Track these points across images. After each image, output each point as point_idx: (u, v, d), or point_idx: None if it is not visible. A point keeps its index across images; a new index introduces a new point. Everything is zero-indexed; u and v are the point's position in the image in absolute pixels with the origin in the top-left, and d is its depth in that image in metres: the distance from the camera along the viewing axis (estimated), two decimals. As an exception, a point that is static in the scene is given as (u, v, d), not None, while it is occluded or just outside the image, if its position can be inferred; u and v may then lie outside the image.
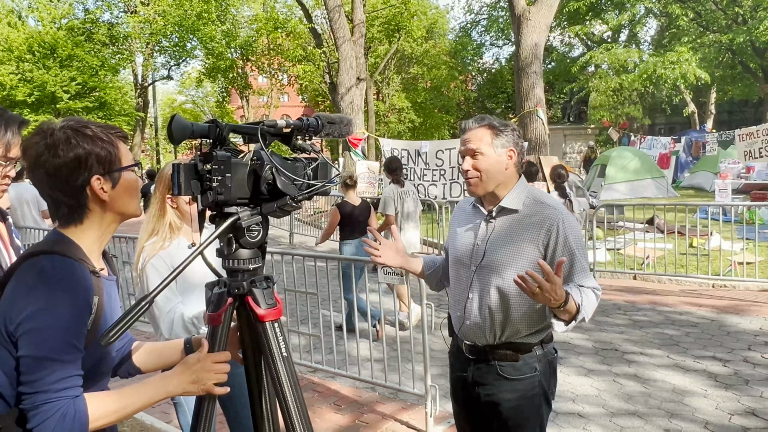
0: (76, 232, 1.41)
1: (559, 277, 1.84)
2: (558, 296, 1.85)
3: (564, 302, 1.89)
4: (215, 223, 1.42)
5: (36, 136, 1.36)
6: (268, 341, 1.45)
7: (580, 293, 1.99)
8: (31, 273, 1.31)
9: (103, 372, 1.46)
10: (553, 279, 1.82)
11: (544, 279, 1.81)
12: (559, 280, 1.84)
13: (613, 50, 24.16)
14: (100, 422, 1.31)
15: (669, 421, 3.96)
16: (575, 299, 1.94)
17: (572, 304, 1.92)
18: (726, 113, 39.64)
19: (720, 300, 6.93)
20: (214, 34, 30.76)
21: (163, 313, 2.46)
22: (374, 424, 4.07)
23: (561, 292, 1.86)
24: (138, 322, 5.82)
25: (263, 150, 1.41)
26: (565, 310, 1.92)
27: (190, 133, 1.36)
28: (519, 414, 2.13)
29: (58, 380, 1.26)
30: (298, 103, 51.88)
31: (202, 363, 1.40)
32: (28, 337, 1.25)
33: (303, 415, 1.45)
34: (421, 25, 30.49)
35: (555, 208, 2.10)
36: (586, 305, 1.98)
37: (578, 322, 1.99)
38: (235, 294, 1.45)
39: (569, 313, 1.94)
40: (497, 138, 2.09)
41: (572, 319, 1.97)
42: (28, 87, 26.12)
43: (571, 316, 1.96)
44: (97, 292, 1.36)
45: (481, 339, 2.16)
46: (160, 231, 2.54)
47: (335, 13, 17.17)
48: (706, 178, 17.69)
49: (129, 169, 1.44)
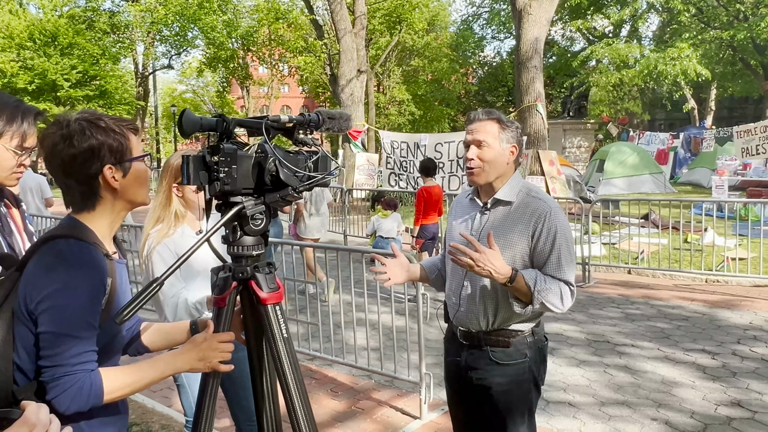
0: (89, 218, 1.50)
1: (494, 251, 2.01)
2: (498, 269, 2.01)
3: (510, 279, 2.03)
4: (221, 212, 1.52)
5: (53, 126, 1.45)
6: (270, 323, 1.54)
7: (536, 276, 2.11)
8: (49, 255, 1.40)
9: (116, 349, 1.56)
10: (480, 249, 1.98)
11: (473, 250, 1.97)
12: (492, 252, 2.00)
13: (614, 45, 24.20)
14: (114, 394, 1.40)
15: (656, 410, 4.07)
16: (526, 280, 2.07)
17: (522, 284, 2.06)
18: (726, 110, 39.73)
19: (712, 295, 7.04)
20: (215, 23, 30.73)
21: (168, 298, 2.56)
22: (370, 411, 4.18)
23: (500, 265, 2.02)
24: (144, 310, 5.94)
25: (267, 143, 1.50)
26: (515, 288, 2.07)
27: (199, 126, 1.45)
28: (509, 398, 2.24)
29: (76, 355, 1.36)
30: (298, 94, 51.90)
31: (209, 342, 1.50)
32: (48, 315, 1.35)
33: (302, 393, 1.55)
34: (422, 18, 30.46)
35: (545, 202, 2.19)
36: (543, 290, 2.08)
37: (537, 306, 2.11)
38: (239, 278, 1.55)
39: (522, 293, 2.09)
40: (503, 132, 2.19)
41: (528, 302, 2.10)
42: (28, 75, 26.16)
43: (527, 297, 2.10)
44: (110, 274, 1.45)
45: (474, 325, 2.26)
46: (165, 219, 2.63)
47: (337, 4, 17.19)
48: (703, 175, 17.81)
49: (139, 160, 1.53)
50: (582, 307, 6.70)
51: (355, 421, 4.03)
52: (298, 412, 1.54)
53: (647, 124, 36.87)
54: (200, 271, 2.60)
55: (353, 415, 4.12)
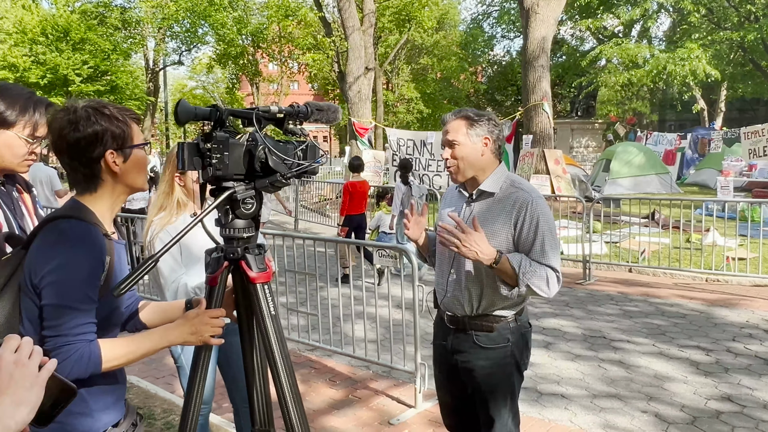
0: (90, 200, 1.61)
1: (479, 232, 2.11)
2: (483, 251, 2.11)
3: (496, 261, 2.13)
4: (214, 196, 1.62)
5: (61, 112, 1.56)
6: (258, 301, 1.65)
7: (521, 260, 2.20)
8: (52, 234, 1.51)
9: (114, 323, 1.67)
10: (467, 229, 2.09)
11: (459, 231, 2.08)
12: (477, 234, 2.11)
13: (624, 45, 24.14)
14: (112, 363, 1.51)
15: (647, 403, 4.15)
16: (512, 263, 2.17)
17: (506, 266, 2.16)
18: (737, 111, 39.46)
19: (711, 293, 7.09)
20: (226, 20, 30.86)
21: (168, 283, 2.67)
22: (367, 399, 4.29)
23: (485, 248, 2.12)
24: (148, 297, 6.05)
25: (257, 132, 1.61)
26: (500, 270, 2.17)
27: (193, 115, 1.55)
28: (492, 380, 2.34)
29: (76, 326, 1.46)
30: (307, 91, 52.00)
31: (201, 317, 1.60)
32: (51, 288, 1.46)
33: (287, 367, 1.65)
34: (432, 16, 30.44)
35: (527, 191, 2.29)
36: (528, 272, 2.18)
37: (523, 289, 2.21)
38: (231, 258, 1.65)
39: (507, 275, 2.19)
40: (472, 128, 2.28)
41: (514, 284, 2.20)
42: (41, 69, 26.40)
43: (512, 279, 2.19)
44: (109, 252, 1.56)
45: (459, 310, 2.37)
46: (168, 207, 2.75)
47: (345, 2, 17.28)
48: (710, 176, 17.74)
49: (139, 147, 1.64)
50: (581, 303, 6.77)
51: (352, 408, 4.14)
52: (284, 386, 1.64)
53: (656, 124, 36.75)
54: (200, 257, 2.69)
55: (350, 404, 4.22)
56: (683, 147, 20.86)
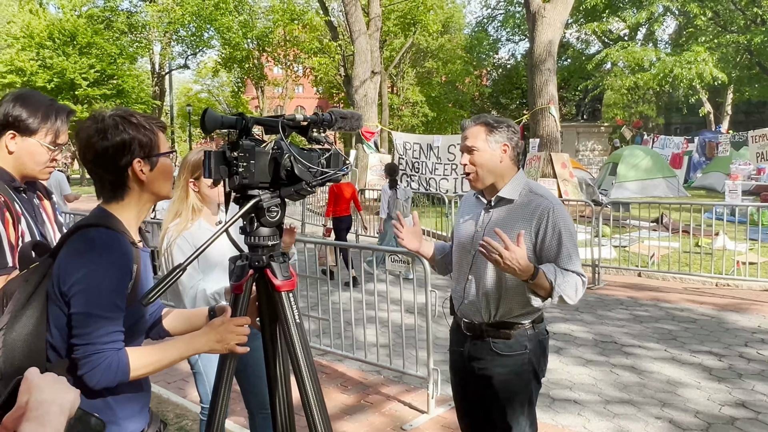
0: (117, 208, 1.61)
1: (521, 249, 2.06)
2: (522, 267, 2.06)
3: (533, 276, 2.10)
4: (239, 204, 1.62)
5: (89, 120, 1.57)
6: (284, 308, 1.65)
7: (555, 271, 2.18)
8: (81, 242, 1.51)
9: (140, 331, 1.67)
10: (511, 247, 2.04)
11: (504, 247, 2.03)
12: (520, 251, 2.05)
13: (630, 48, 24.12)
14: (139, 372, 1.51)
15: (661, 409, 4.13)
16: (548, 276, 2.14)
17: (543, 280, 2.13)
18: (743, 114, 39.31)
19: (722, 298, 7.06)
20: (231, 24, 31.01)
21: (187, 289, 2.67)
22: (378, 405, 4.28)
23: (524, 264, 2.07)
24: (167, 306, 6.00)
25: (283, 140, 1.61)
26: (536, 284, 2.13)
27: (220, 124, 1.56)
28: (509, 388, 2.33)
29: (105, 334, 1.47)
30: (312, 94, 52.09)
31: (226, 325, 1.60)
32: (80, 297, 1.46)
33: (312, 374, 1.66)
34: (437, 19, 30.53)
35: (547, 198, 2.29)
36: (562, 284, 2.17)
37: (556, 300, 2.19)
38: (256, 266, 1.65)
39: (542, 288, 2.15)
40: (491, 134, 2.28)
41: (548, 295, 2.17)
42: (48, 73, 26.58)
43: (546, 292, 2.16)
44: (135, 260, 1.56)
45: (477, 317, 2.36)
46: (183, 213, 2.75)
47: (351, 6, 17.33)
48: (718, 179, 17.70)
49: (166, 156, 1.64)
50: (590, 308, 6.75)
51: (365, 414, 4.13)
52: (309, 393, 1.65)
53: (662, 127, 36.66)
54: (217, 263, 2.72)
55: (362, 409, 4.22)
56: (690, 150, 20.82)
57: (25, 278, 1.53)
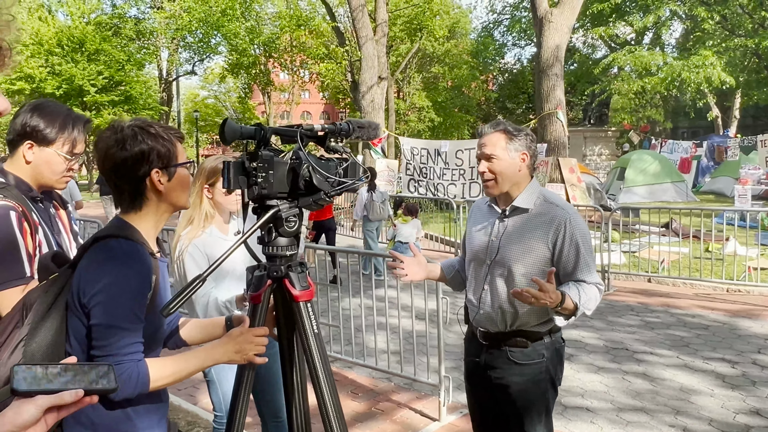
0: (135, 218, 1.61)
1: (552, 284, 2.05)
2: (553, 300, 2.06)
3: (560, 302, 2.10)
4: (257, 214, 1.62)
5: (107, 131, 1.57)
6: (302, 318, 1.65)
7: (578, 291, 2.18)
8: (101, 253, 1.51)
9: (158, 341, 1.67)
10: (546, 287, 2.03)
11: (538, 290, 2.03)
12: (552, 287, 2.05)
13: (637, 52, 24.05)
14: (159, 383, 1.51)
15: (674, 417, 4.09)
16: (572, 299, 2.14)
17: (569, 303, 2.13)
18: (751, 118, 39.11)
19: (733, 304, 7.01)
20: (238, 30, 31.11)
21: (199, 298, 2.67)
22: (389, 412, 4.26)
23: (555, 297, 2.07)
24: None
25: (301, 150, 1.61)
26: (563, 308, 2.14)
27: (239, 134, 1.56)
28: (526, 397, 2.31)
29: (125, 345, 1.47)
30: (318, 100, 52.22)
31: (245, 336, 1.60)
32: (100, 308, 1.46)
33: (331, 385, 1.65)
34: (443, 25, 30.54)
35: (563, 209, 2.27)
36: (585, 301, 2.17)
37: (578, 317, 2.20)
38: (274, 276, 1.65)
39: (567, 309, 2.15)
40: (511, 142, 2.27)
41: (572, 314, 2.18)
42: (56, 80, 26.76)
43: (570, 312, 2.17)
44: (154, 271, 1.56)
45: (493, 327, 2.35)
46: (196, 219, 2.76)
47: (358, 12, 17.37)
48: (726, 183, 17.59)
49: (183, 166, 1.64)
50: (601, 314, 6.71)
51: (375, 421, 4.12)
52: (327, 402, 1.64)
53: (670, 132, 36.50)
54: (229, 272, 2.72)
55: (373, 416, 4.20)
56: (699, 155, 20.71)
57: (44, 289, 1.53)
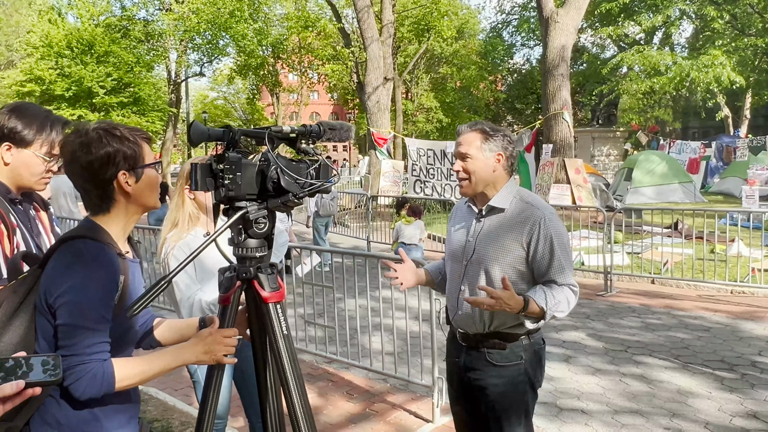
0: (104, 219, 1.62)
1: (508, 291, 2.08)
2: (513, 306, 2.09)
3: (524, 308, 2.10)
4: (227, 216, 1.62)
5: (72, 134, 1.59)
6: (271, 320, 1.64)
7: (545, 295, 2.17)
8: (68, 254, 1.52)
9: (128, 342, 1.68)
10: (497, 295, 2.06)
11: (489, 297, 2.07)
12: (506, 294, 2.07)
13: (646, 52, 23.89)
14: (125, 383, 1.52)
15: (670, 420, 4.06)
16: (538, 303, 2.14)
17: (534, 307, 2.13)
18: (762, 118, 38.74)
19: (737, 306, 6.95)
20: (246, 32, 31.21)
21: (184, 299, 2.69)
22: (384, 413, 4.26)
23: (514, 303, 2.09)
24: (165, 311, 6.03)
25: (270, 152, 1.61)
26: (528, 313, 2.14)
27: (206, 136, 1.57)
28: (505, 399, 2.30)
29: (90, 345, 1.48)
30: (327, 101, 52.35)
31: (214, 336, 1.61)
32: (66, 309, 1.47)
33: (299, 387, 1.65)
34: (451, 25, 30.49)
35: (539, 208, 2.26)
36: (554, 305, 2.16)
37: (548, 320, 2.19)
38: (243, 278, 1.65)
39: (534, 313, 2.16)
40: (486, 142, 2.26)
41: (541, 318, 2.17)
42: (66, 82, 26.93)
43: (538, 314, 2.17)
44: (123, 271, 1.57)
45: (471, 328, 2.34)
46: (180, 221, 2.77)
47: (364, 13, 17.39)
48: (735, 184, 17.42)
49: (151, 167, 1.65)
50: (602, 315, 6.68)
51: (369, 422, 4.12)
52: (297, 405, 1.64)
53: (680, 132, 36.25)
54: (214, 273, 2.72)
55: (367, 417, 4.20)
56: (708, 155, 20.54)
57: (13, 289, 1.54)
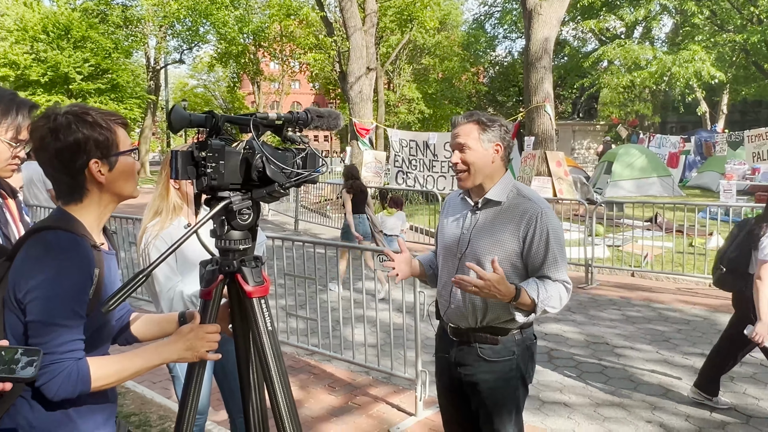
0: (77, 209, 1.53)
1: (498, 275, 2.00)
2: (503, 292, 2.02)
3: (515, 297, 2.05)
4: (210, 206, 1.55)
5: (41, 120, 1.48)
6: (255, 316, 1.58)
7: (538, 287, 2.13)
8: (37, 246, 1.43)
9: (104, 338, 1.59)
10: (486, 276, 1.99)
11: (478, 278, 1.98)
12: (496, 276, 2.00)
13: (627, 46, 24.05)
14: (101, 382, 1.44)
15: (651, 413, 4.08)
16: (530, 294, 2.09)
17: (526, 298, 2.08)
18: (739, 113, 39.36)
19: (715, 299, 7.01)
20: (227, 19, 30.79)
21: (164, 291, 2.60)
22: (366, 406, 4.22)
23: (505, 288, 2.02)
24: (143, 302, 5.91)
25: (255, 140, 1.53)
26: (519, 304, 2.08)
27: (188, 122, 1.49)
28: (496, 394, 2.27)
29: (63, 343, 1.39)
30: (308, 90, 51.93)
31: (195, 332, 1.53)
32: (36, 304, 1.38)
33: (284, 384, 1.58)
34: (434, 16, 30.32)
35: (536, 203, 2.21)
36: (545, 298, 2.12)
37: (540, 314, 2.14)
38: (226, 271, 1.58)
39: (525, 305, 2.10)
40: (484, 133, 2.20)
41: (532, 311, 2.12)
42: (41, 67, 26.29)
43: (528, 308, 2.11)
44: (97, 264, 1.48)
45: (463, 322, 2.29)
46: (163, 211, 2.68)
47: (347, 2, 17.20)
48: (712, 178, 17.67)
49: (126, 154, 1.55)
50: (582, 308, 6.70)
51: (351, 416, 4.07)
52: (281, 402, 1.57)
53: (658, 126, 36.63)
54: (196, 264, 2.64)
55: (349, 410, 4.15)
56: (688, 150, 20.78)
57: (-20, 283, 1.45)
